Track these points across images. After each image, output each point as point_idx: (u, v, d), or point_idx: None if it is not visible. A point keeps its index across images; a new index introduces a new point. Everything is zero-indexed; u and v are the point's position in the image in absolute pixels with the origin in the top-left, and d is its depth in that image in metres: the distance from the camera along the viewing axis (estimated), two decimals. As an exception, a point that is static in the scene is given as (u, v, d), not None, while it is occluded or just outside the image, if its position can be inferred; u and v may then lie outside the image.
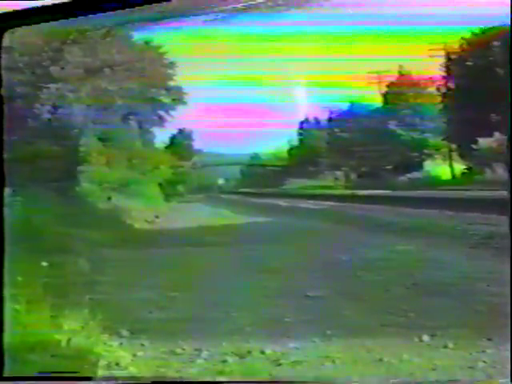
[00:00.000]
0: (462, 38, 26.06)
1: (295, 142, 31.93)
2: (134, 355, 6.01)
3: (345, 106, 30.05)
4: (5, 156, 5.11)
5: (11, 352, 5.13)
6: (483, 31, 24.60)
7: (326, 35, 20.98)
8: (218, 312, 7.47)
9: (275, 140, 29.63)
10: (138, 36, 21.20)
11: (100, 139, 21.37)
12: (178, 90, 24.24)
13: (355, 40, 21.74)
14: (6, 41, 4.96)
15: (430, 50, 24.69)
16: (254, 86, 23.31)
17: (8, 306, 5.23)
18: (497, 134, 23.54)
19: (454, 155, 27.98)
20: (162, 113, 24.65)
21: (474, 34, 25.55)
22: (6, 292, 5.02)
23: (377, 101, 29.55)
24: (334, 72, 22.27)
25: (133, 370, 5.60)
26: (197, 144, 29.56)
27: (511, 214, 5.31)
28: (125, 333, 6.64)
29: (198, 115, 24.91)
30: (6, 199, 5.25)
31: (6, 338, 4.93)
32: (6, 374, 4.91)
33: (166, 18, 5.96)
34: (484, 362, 5.47)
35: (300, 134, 31.75)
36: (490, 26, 23.19)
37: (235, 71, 22.12)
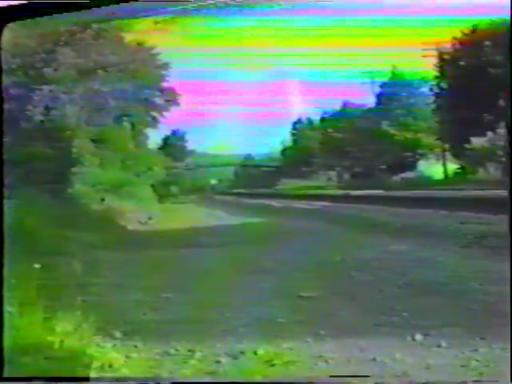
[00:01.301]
0: (455, 38, 26.11)
1: (288, 143, 31.96)
2: (128, 357, 6.00)
3: (338, 106, 30.12)
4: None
5: (4, 354, 5.12)
6: (476, 31, 24.66)
7: (321, 37, 21.03)
8: (211, 313, 7.46)
9: (268, 141, 29.67)
10: (131, 37, 21.17)
11: (93, 140, 21.35)
12: (171, 90, 24.24)
13: (349, 40, 21.78)
14: (4, 36, 4.96)
15: (423, 50, 24.75)
16: (247, 86, 23.32)
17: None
18: (490, 134, 23.60)
19: (448, 155, 28.05)
20: (155, 114, 24.65)
21: (466, 34, 25.60)
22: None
23: (370, 101, 29.61)
24: (328, 72, 22.32)
25: (126, 372, 5.59)
26: (190, 145, 29.60)
27: (511, 214, 5.33)
28: (118, 334, 6.62)
29: (189, 115, 24.93)
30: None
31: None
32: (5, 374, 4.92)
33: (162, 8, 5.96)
34: (477, 360, 5.48)
35: (293, 135, 31.79)
36: (484, 26, 23.26)
37: (229, 71, 22.14)
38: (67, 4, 4.56)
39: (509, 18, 4.50)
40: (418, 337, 6.16)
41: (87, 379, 5.40)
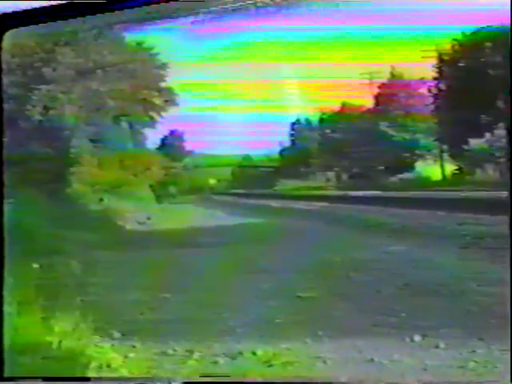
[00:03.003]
0: (454, 40, 26.12)
1: (287, 143, 31.94)
2: (126, 356, 6.00)
3: (336, 106, 30.11)
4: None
5: (2, 354, 5.12)
6: (475, 33, 24.66)
7: (320, 35, 21.02)
8: (209, 313, 7.47)
9: (267, 141, 29.65)
10: (130, 37, 21.16)
11: (91, 140, 21.33)
12: (170, 91, 24.22)
13: (349, 40, 21.79)
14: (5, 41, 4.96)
15: (422, 51, 24.75)
16: (246, 86, 23.33)
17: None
18: (488, 135, 23.61)
19: (445, 156, 28.05)
20: (153, 114, 24.62)
21: (465, 35, 25.60)
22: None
23: (368, 102, 29.61)
24: (327, 72, 22.31)
25: (124, 372, 5.59)
26: (188, 145, 29.58)
27: (511, 214, 5.32)
28: (116, 334, 6.63)
29: (188, 117, 24.93)
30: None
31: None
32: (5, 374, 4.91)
33: (159, 19, 5.96)
34: (475, 361, 5.49)
35: (291, 135, 31.77)
36: (483, 27, 23.26)
37: (228, 73, 22.15)
38: (72, 9, 4.56)
39: (509, 19, 4.51)
40: (416, 338, 6.17)
41: (87, 379, 5.40)
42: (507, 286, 5.91)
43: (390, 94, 28.76)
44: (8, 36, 4.99)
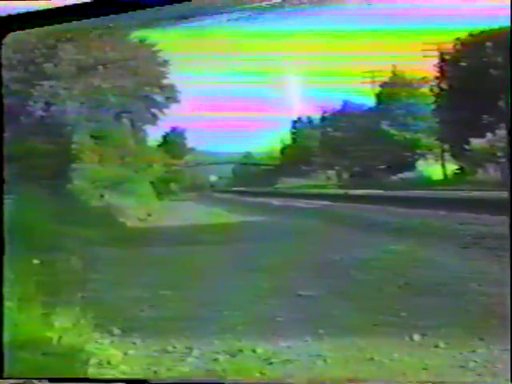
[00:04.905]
0: (456, 39, 26.09)
1: (288, 141, 31.93)
2: (126, 353, 6.00)
3: (338, 104, 30.11)
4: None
5: (2, 350, 5.12)
6: (477, 32, 24.63)
7: (321, 34, 21.01)
8: (209, 311, 7.47)
9: (268, 139, 29.67)
10: (132, 33, 21.13)
11: (93, 137, 21.33)
12: (172, 87, 24.22)
13: (350, 38, 21.77)
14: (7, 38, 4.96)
15: (424, 49, 24.72)
16: (248, 85, 23.34)
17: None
18: (489, 135, 23.60)
19: (447, 155, 28.04)
20: (155, 111, 24.63)
21: (468, 34, 25.58)
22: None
23: (370, 100, 29.60)
24: (328, 70, 22.32)
25: (124, 368, 5.59)
26: (190, 142, 29.60)
27: (511, 214, 5.32)
28: (116, 331, 6.63)
29: (191, 112, 24.94)
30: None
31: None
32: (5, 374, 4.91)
33: (166, 19, 5.95)
34: (475, 361, 5.49)
35: (293, 133, 31.76)
36: (485, 26, 23.24)
37: (230, 69, 22.15)
38: (76, 10, 4.54)
39: (509, 19, 4.51)
40: (416, 337, 6.17)
41: (87, 379, 5.40)
42: (507, 286, 5.91)
43: (392, 93, 28.75)
44: (10, 34, 4.99)
